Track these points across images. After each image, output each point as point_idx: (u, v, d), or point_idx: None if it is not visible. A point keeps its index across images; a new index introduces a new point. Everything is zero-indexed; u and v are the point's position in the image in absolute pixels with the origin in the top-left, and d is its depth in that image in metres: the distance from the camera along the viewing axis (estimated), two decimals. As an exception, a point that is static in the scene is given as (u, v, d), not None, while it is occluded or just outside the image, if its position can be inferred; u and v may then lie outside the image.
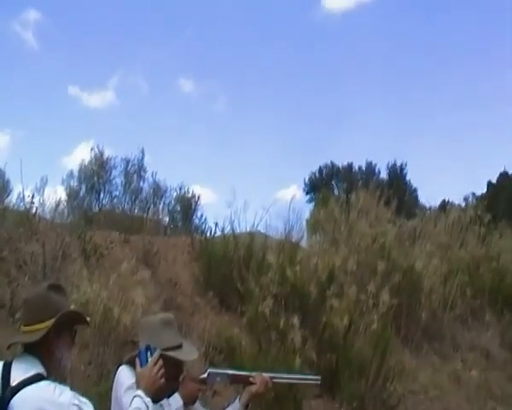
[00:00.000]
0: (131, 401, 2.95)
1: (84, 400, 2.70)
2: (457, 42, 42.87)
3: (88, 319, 3.06)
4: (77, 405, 2.64)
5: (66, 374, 3.04)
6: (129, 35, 38.34)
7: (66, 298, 3.03)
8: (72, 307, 3.03)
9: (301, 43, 43.35)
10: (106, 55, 36.72)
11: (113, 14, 38.99)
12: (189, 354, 3.56)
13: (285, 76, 43.75)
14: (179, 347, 3.47)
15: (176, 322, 3.64)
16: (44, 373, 2.75)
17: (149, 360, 3.08)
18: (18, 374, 2.70)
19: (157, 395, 3.09)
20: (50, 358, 2.83)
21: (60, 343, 2.87)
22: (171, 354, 3.35)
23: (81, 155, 39.86)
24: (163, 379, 3.07)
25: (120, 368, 3.47)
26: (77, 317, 3.01)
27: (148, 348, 3.12)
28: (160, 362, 3.07)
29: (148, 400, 2.93)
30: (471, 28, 42.81)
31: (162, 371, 3.06)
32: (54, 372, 2.83)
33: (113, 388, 3.43)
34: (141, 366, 3.08)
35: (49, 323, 2.80)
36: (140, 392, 2.96)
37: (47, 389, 2.64)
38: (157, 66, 39.03)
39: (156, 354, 3.09)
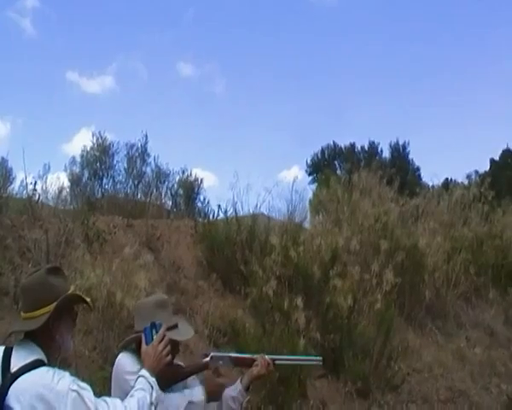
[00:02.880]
0: (135, 380, 2.93)
1: (83, 385, 2.68)
2: (459, 21, 42.71)
3: (88, 299, 3.01)
4: (75, 390, 2.62)
5: (68, 355, 3.01)
6: (127, 20, 38.31)
7: (66, 280, 2.98)
8: (72, 288, 2.98)
9: (301, 24, 43.23)
10: (104, 40, 36.71)
11: (111, 0, 38.91)
12: (184, 333, 3.57)
13: (285, 58, 43.72)
14: (175, 327, 3.47)
15: (170, 303, 3.65)
16: (44, 359, 2.74)
17: (155, 337, 3.06)
18: (18, 360, 2.68)
19: (160, 374, 3.08)
20: (51, 343, 2.81)
21: (60, 327, 2.85)
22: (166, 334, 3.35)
23: (82, 140, 39.88)
24: (169, 357, 3.05)
25: (120, 356, 3.47)
26: (76, 299, 2.98)
27: (153, 326, 3.07)
28: (166, 339, 3.04)
29: (152, 380, 2.90)
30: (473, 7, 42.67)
31: (168, 348, 3.03)
32: (55, 356, 2.83)
33: (113, 374, 3.43)
34: (146, 344, 3.06)
35: (49, 308, 2.78)
36: (144, 372, 2.93)
37: (46, 376, 2.62)
38: (156, 50, 39.00)
39: (161, 331, 3.06)
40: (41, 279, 2.86)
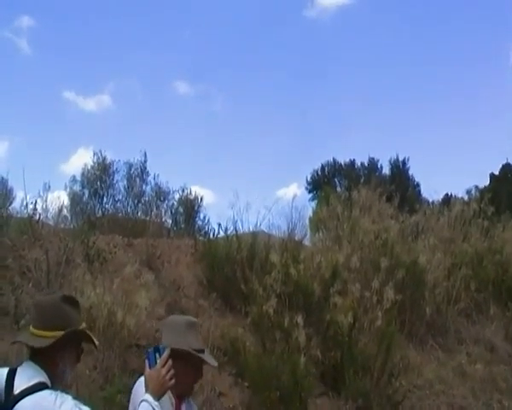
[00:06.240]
0: (139, 405, 2.91)
1: (85, 409, 2.69)
2: (458, 34, 42.88)
3: (96, 342, 3.01)
4: None
5: (67, 386, 3.00)
6: (123, 40, 38.44)
7: (79, 313, 2.99)
8: (84, 324, 2.98)
9: (298, 40, 43.34)
10: (101, 59, 36.84)
11: (106, 20, 39.09)
12: (212, 360, 3.55)
13: (283, 74, 43.82)
14: (203, 351, 3.46)
15: (199, 326, 3.62)
16: (48, 382, 2.73)
17: (158, 361, 3.01)
18: (21, 382, 2.69)
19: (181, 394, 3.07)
20: (54, 369, 2.80)
21: (65, 357, 2.84)
22: (199, 355, 3.35)
23: (80, 160, 39.91)
24: (172, 381, 3.00)
25: (138, 381, 3.43)
26: (85, 336, 2.98)
27: (156, 349, 3.04)
28: (170, 363, 2.99)
29: (155, 403, 2.88)
30: (473, 23, 42.84)
31: (171, 372, 2.99)
32: (57, 383, 2.82)
33: (131, 400, 3.35)
34: (149, 367, 3.00)
35: (58, 334, 2.78)
36: (147, 396, 2.91)
37: (48, 399, 2.62)
38: (152, 69, 39.09)
39: (165, 355, 3.01)
40: (55, 304, 2.87)
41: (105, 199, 13.66)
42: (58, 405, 2.61)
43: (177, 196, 14.02)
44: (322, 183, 30.82)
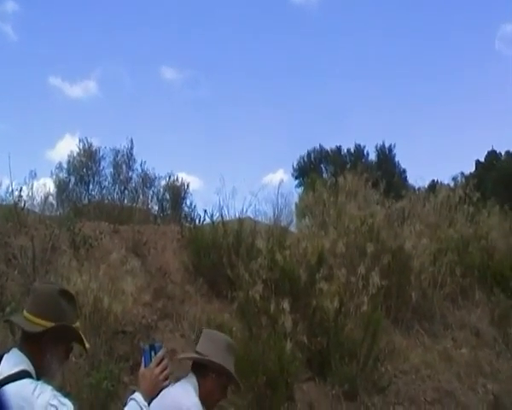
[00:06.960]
0: (127, 402, 2.85)
1: (64, 401, 2.62)
2: (445, 24, 42.95)
3: (87, 345, 2.95)
4: (55, 405, 2.55)
5: (53, 379, 2.96)
6: (110, 25, 38.24)
7: (75, 310, 2.94)
8: (77, 324, 2.95)
9: (286, 27, 43.27)
10: (87, 45, 36.64)
11: (92, 5, 38.86)
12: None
13: (270, 61, 43.70)
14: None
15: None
16: (32, 372, 2.70)
17: (153, 360, 2.91)
18: (5, 369, 2.67)
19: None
20: (40, 360, 2.77)
21: (53, 351, 2.79)
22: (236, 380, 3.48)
23: (66, 146, 39.69)
24: (167, 382, 2.93)
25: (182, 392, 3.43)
26: (76, 335, 2.91)
27: (152, 348, 2.95)
28: (165, 362, 2.92)
29: (144, 404, 2.82)
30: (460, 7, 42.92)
31: (166, 372, 2.92)
32: (42, 375, 2.79)
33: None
34: (145, 366, 2.91)
35: (49, 324, 2.76)
36: (137, 395, 2.84)
37: (27, 388, 2.60)
38: (139, 55, 38.90)
39: (160, 354, 2.93)
40: (52, 294, 2.83)
41: (91, 186, 13.58)
42: (36, 395, 2.58)
43: (163, 183, 13.99)
44: (309, 169, 30.82)
